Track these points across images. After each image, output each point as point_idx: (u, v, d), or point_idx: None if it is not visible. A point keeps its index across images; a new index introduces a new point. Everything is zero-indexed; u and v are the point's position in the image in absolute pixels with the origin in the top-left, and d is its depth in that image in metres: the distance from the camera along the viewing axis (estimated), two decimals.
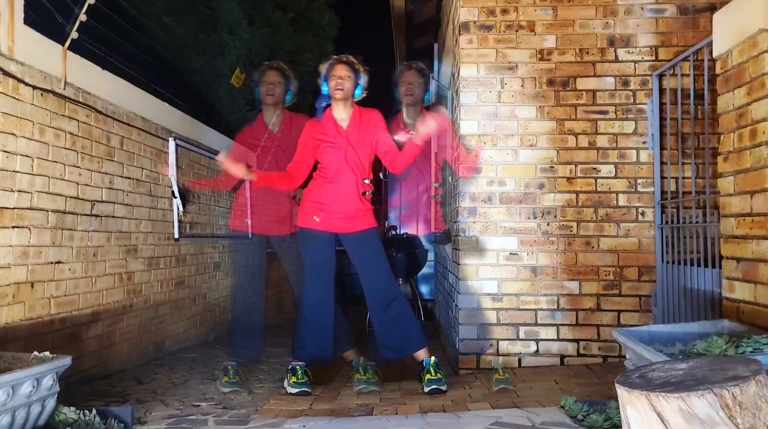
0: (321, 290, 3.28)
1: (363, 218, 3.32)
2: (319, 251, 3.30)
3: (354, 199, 3.28)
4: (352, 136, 3.28)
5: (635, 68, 3.47)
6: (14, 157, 2.82)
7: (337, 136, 3.27)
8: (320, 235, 3.29)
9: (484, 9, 3.53)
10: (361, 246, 3.32)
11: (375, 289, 3.27)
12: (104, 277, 3.55)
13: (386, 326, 3.26)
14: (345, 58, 3.27)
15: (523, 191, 3.47)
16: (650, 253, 3.40)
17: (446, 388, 3.00)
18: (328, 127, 3.30)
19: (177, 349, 4.53)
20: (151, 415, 2.69)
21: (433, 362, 3.09)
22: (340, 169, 3.26)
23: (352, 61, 3.28)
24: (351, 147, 3.26)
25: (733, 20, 2.41)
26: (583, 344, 3.42)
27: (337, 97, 3.24)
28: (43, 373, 2.16)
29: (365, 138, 3.30)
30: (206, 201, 5.18)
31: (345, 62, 3.26)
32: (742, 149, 2.36)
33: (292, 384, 3.12)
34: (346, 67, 3.25)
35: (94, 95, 3.47)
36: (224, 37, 6.07)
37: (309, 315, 3.28)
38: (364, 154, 3.30)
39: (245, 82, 6.39)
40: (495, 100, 3.50)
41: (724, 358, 1.56)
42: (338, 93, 3.23)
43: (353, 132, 3.29)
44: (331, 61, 3.29)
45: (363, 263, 3.32)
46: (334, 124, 3.30)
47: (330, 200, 3.28)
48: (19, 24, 2.87)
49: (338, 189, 3.27)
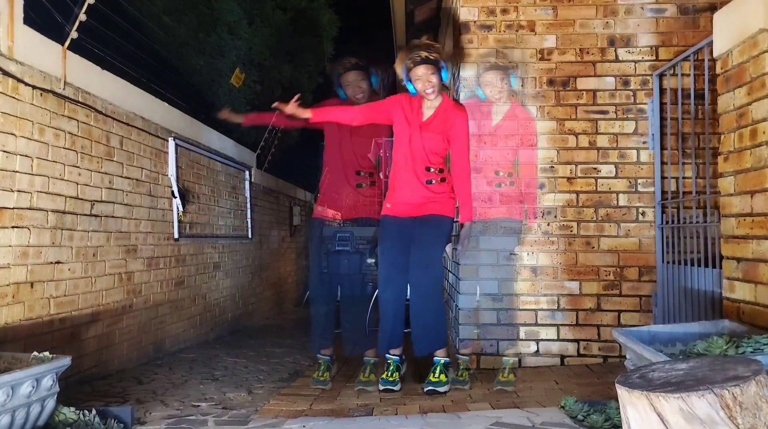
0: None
1: (430, 205, 3.20)
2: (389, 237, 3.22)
3: (417, 186, 3.18)
4: (426, 126, 3.18)
5: (635, 68, 3.47)
6: (14, 157, 2.81)
7: (414, 118, 3.19)
8: (390, 220, 3.22)
9: (485, 9, 3.53)
10: (420, 229, 3.18)
11: (414, 276, 3.12)
12: (104, 277, 3.55)
13: (419, 318, 3.13)
14: (419, 57, 3.08)
15: (523, 191, 3.47)
16: (650, 253, 3.40)
17: (445, 390, 2.99)
18: (414, 106, 3.21)
19: (177, 350, 4.53)
20: (150, 415, 2.69)
21: (442, 363, 3.07)
22: (404, 154, 3.20)
23: (428, 56, 3.09)
24: (419, 134, 3.17)
25: (733, 20, 2.40)
26: (584, 344, 3.42)
27: (431, 97, 3.14)
28: (43, 374, 2.16)
29: (439, 130, 3.18)
30: (206, 201, 5.18)
31: (423, 61, 3.08)
32: (742, 149, 2.35)
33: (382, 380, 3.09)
34: (426, 66, 3.08)
35: (93, 95, 3.47)
36: (224, 36, 6.07)
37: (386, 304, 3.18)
38: (430, 146, 3.17)
39: (245, 82, 6.39)
40: (495, 99, 3.49)
41: (725, 359, 1.56)
42: (430, 94, 3.12)
43: (429, 123, 3.18)
44: (407, 64, 3.12)
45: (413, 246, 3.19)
46: (419, 107, 3.20)
47: (396, 187, 3.23)
48: (19, 24, 2.87)
49: (402, 175, 3.21)
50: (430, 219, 3.17)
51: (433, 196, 3.18)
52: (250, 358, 4.29)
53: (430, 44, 3.19)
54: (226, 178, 5.74)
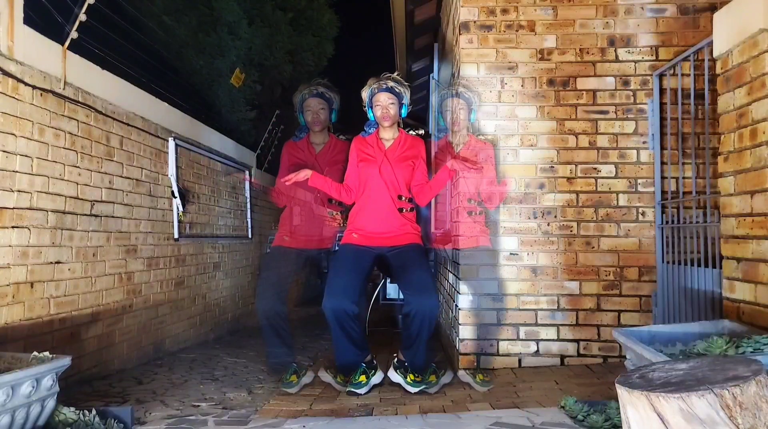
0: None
1: (404, 236, 3.27)
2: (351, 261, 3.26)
3: (391, 214, 3.26)
4: (392, 154, 3.30)
5: (635, 68, 3.47)
6: (14, 157, 2.81)
7: (378, 152, 3.31)
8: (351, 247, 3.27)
9: (485, 9, 3.53)
10: (405, 256, 3.24)
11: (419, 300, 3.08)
12: (104, 277, 3.55)
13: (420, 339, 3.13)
14: (385, 85, 3.25)
15: (523, 191, 3.47)
16: (650, 253, 3.40)
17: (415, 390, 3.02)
18: (371, 142, 3.35)
19: (177, 350, 4.53)
20: (150, 415, 2.69)
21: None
22: (376, 184, 3.27)
23: (392, 87, 3.26)
24: (388, 162, 3.28)
25: (733, 20, 2.41)
26: (584, 344, 3.42)
27: (385, 125, 3.30)
28: (43, 374, 2.16)
29: (405, 157, 3.31)
30: (206, 201, 5.18)
31: (387, 90, 3.25)
32: (742, 149, 2.36)
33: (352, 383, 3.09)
34: (389, 95, 3.26)
35: (93, 95, 3.47)
36: (224, 37, 6.07)
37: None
38: (401, 173, 3.29)
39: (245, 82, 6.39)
40: (495, 99, 3.50)
41: (725, 359, 1.56)
42: (386, 122, 3.28)
43: (393, 151, 3.31)
44: (371, 90, 3.28)
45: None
46: (377, 140, 3.34)
47: (366, 216, 3.27)
48: (19, 24, 2.87)
49: (374, 205, 3.27)
50: (411, 247, 3.26)
51: (405, 225, 3.28)
52: (250, 358, 4.29)
53: (399, 80, 3.33)
54: (226, 178, 5.74)
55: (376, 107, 3.28)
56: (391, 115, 3.27)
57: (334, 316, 3.07)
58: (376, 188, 3.27)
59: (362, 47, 11.02)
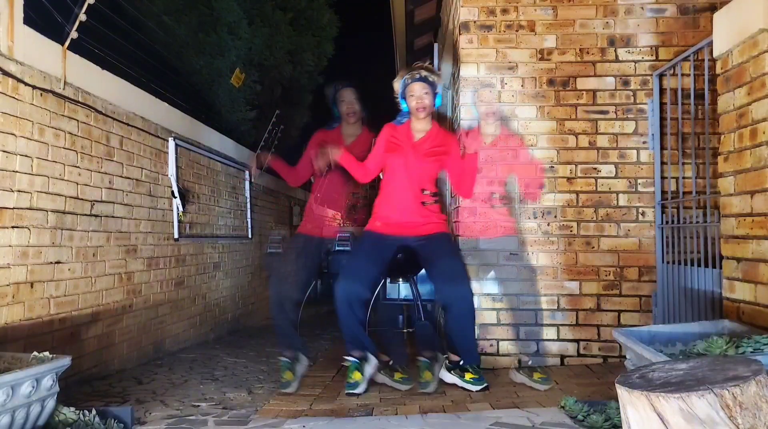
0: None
1: (429, 225, 3.23)
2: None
3: (414, 206, 3.22)
4: (420, 147, 3.24)
5: (635, 68, 3.47)
6: (14, 157, 2.81)
7: (405, 142, 3.25)
8: (373, 235, 3.24)
9: (484, 9, 3.53)
10: (433, 244, 3.18)
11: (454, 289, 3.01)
12: (104, 277, 3.55)
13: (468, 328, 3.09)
14: (419, 75, 3.18)
15: (524, 191, 3.47)
16: (650, 253, 3.40)
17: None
18: (402, 132, 3.29)
19: (177, 350, 4.53)
20: (150, 415, 2.69)
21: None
22: (400, 176, 3.24)
23: (426, 76, 3.19)
24: (414, 156, 3.22)
25: (733, 20, 2.40)
26: (584, 344, 3.42)
27: (420, 116, 3.22)
28: (43, 374, 2.16)
29: (435, 153, 3.24)
30: (206, 201, 5.18)
31: (421, 80, 3.18)
32: (742, 149, 2.36)
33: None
34: (423, 85, 3.18)
35: (93, 95, 3.47)
36: (224, 37, 6.07)
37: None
38: (426, 168, 3.24)
39: (245, 82, 6.39)
40: (495, 99, 3.50)
41: (725, 359, 1.56)
42: (421, 113, 3.21)
43: (422, 144, 3.25)
44: (404, 80, 3.21)
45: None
46: (408, 130, 3.28)
47: (392, 206, 3.24)
48: (19, 24, 2.87)
49: (398, 196, 3.23)
50: (438, 235, 3.21)
51: (429, 216, 3.23)
52: (250, 358, 4.29)
53: (431, 68, 3.27)
54: (226, 178, 5.74)
55: (410, 98, 3.20)
56: (427, 105, 3.19)
57: (346, 297, 2.99)
58: (400, 180, 3.23)
59: (362, 47, 11.01)
